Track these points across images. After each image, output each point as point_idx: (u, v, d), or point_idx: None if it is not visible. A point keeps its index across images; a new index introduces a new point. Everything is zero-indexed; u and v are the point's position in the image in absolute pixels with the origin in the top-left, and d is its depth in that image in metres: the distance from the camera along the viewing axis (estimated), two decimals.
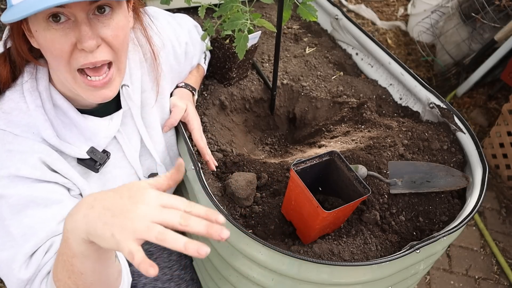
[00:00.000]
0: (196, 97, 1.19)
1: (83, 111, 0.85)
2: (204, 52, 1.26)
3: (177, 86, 1.14)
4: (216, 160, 1.08)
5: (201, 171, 0.96)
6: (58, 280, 0.66)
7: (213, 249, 0.93)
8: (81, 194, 0.88)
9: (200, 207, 0.55)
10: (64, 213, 0.79)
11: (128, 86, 0.91)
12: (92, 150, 0.85)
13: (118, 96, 0.91)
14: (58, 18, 0.69)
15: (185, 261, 1.28)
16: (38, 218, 0.77)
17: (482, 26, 2.65)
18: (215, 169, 1.07)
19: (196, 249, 0.50)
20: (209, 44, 1.26)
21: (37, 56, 0.81)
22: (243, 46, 1.07)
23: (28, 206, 0.77)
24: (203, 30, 1.24)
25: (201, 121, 1.20)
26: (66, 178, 0.83)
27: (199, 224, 0.52)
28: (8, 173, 0.75)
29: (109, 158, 0.89)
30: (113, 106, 0.91)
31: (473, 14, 2.63)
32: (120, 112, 0.90)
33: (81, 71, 0.74)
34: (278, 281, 0.84)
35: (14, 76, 0.81)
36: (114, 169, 0.93)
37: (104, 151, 0.88)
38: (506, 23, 2.48)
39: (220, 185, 1.01)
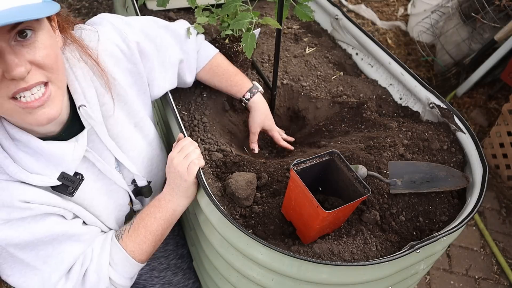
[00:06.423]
0: (258, 90, 1.24)
1: (47, 139, 0.82)
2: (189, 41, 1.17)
3: (246, 97, 1.21)
4: (216, 160, 1.08)
5: (201, 171, 0.96)
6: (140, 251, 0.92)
7: (213, 249, 0.93)
8: (74, 214, 0.88)
9: None
10: (76, 244, 0.87)
11: (85, 106, 0.87)
12: (63, 176, 0.83)
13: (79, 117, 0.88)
14: None
15: (182, 250, 1.27)
16: (55, 252, 0.83)
17: (482, 26, 2.65)
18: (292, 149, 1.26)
19: None
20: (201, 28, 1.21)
21: None
22: (251, 45, 1.05)
23: (38, 245, 0.80)
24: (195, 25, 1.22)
25: (201, 121, 1.20)
26: (54, 206, 0.82)
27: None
28: (1, 219, 0.75)
29: (82, 181, 0.86)
30: (77, 127, 0.88)
31: (473, 14, 2.63)
32: (84, 132, 0.87)
33: (15, 98, 0.70)
34: (278, 281, 0.84)
35: None
36: (95, 184, 0.93)
37: (77, 174, 0.86)
38: (506, 23, 2.48)
39: (220, 185, 1.01)
